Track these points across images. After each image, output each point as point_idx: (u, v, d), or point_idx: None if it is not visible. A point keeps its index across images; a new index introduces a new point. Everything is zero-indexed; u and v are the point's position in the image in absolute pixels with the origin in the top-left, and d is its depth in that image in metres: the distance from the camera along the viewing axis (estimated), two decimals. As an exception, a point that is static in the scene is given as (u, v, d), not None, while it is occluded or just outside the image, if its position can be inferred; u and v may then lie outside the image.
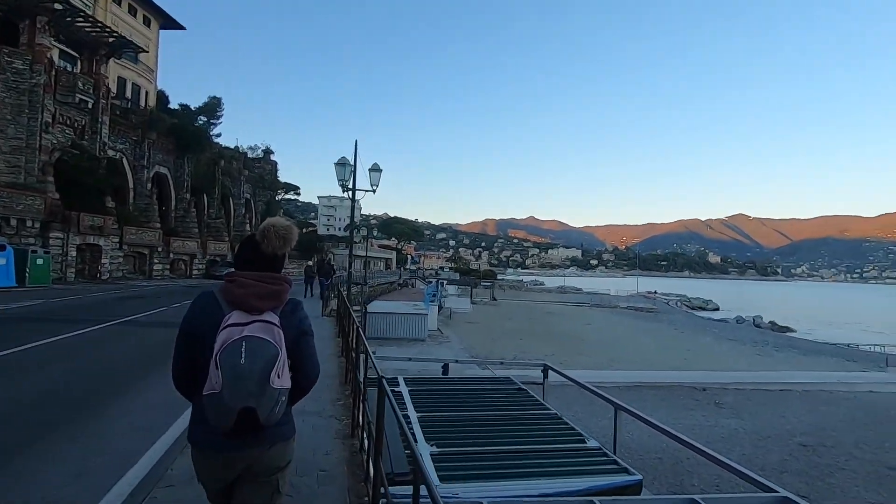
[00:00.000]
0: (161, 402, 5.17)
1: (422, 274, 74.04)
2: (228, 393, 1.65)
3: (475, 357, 22.45)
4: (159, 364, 6.99)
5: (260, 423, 1.74)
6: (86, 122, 25.33)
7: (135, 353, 7.75)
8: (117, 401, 5.47)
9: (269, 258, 1.91)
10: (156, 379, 6.13)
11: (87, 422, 4.76)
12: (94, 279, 24.13)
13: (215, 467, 1.86)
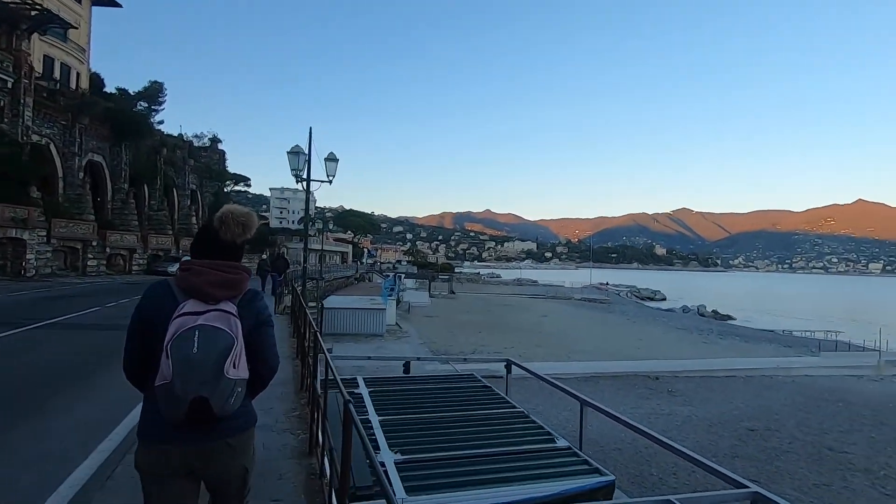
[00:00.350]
0: (71, 427, 4.51)
1: (379, 268, 73.07)
2: (180, 382, 1.60)
3: (436, 352, 22.24)
4: (73, 379, 6.24)
5: (213, 414, 1.67)
6: (4, 103, 23.00)
7: (48, 366, 6.86)
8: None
9: (227, 246, 1.85)
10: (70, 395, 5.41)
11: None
12: (18, 276, 22.07)
13: (163, 461, 1.74)
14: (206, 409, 1.66)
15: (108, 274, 29.19)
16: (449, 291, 52.98)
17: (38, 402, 5.15)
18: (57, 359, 7.08)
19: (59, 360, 7.05)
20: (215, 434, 1.76)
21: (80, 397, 5.25)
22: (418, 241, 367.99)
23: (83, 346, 8.09)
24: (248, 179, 71.26)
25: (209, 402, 1.65)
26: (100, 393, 5.43)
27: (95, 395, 5.34)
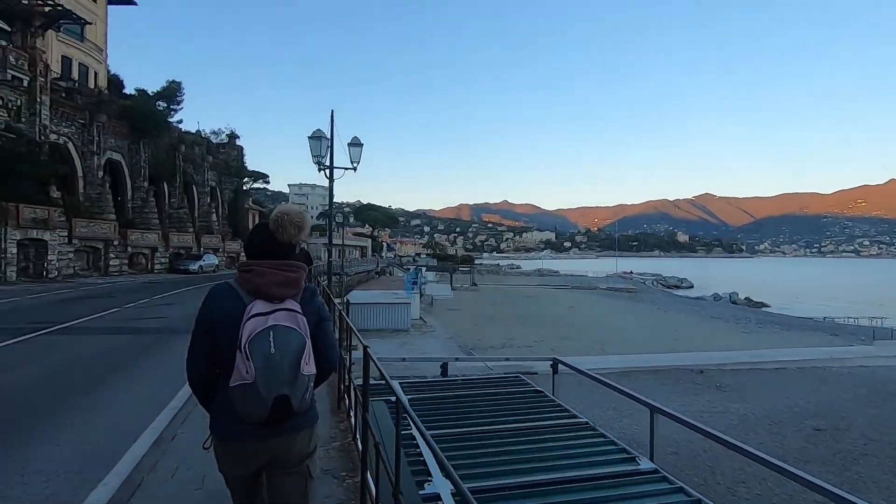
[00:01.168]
0: (73, 456, 3.76)
1: (399, 261, 72.62)
2: (262, 383, 1.65)
3: (463, 347, 21.46)
4: (78, 393, 5.56)
5: (293, 411, 1.75)
6: (21, 102, 22.77)
7: (57, 377, 6.15)
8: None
9: (284, 247, 1.88)
10: (64, 417, 4.69)
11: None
12: (41, 278, 21.92)
13: (243, 457, 1.82)
14: (287, 406, 1.72)
15: (131, 273, 29.07)
16: (471, 283, 52.21)
17: (24, 426, 4.42)
18: (55, 372, 6.40)
19: (59, 374, 6.38)
20: (289, 429, 1.82)
21: (76, 420, 4.52)
22: (436, 233, 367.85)
23: (90, 355, 7.48)
24: (267, 176, 71.09)
25: (290, 399, 1.71)
26: (100, 415, 4.71)
27: (95, 417, 4.62)
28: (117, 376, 6.07)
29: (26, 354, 7.32)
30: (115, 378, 5.97)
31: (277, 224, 1.87)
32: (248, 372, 1.65)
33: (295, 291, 1.84)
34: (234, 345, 1.70)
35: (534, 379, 11.64)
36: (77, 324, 10.13)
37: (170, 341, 8.58)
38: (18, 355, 7.25)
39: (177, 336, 9.03)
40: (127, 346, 8.07)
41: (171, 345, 8.22)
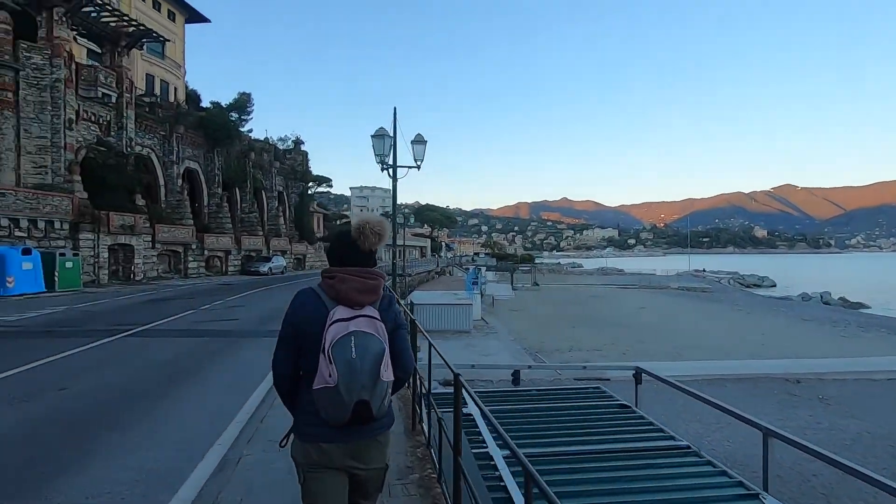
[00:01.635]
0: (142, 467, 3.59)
1: (458, 260, 72.47)
2: (344, 387, 1.71)
3: (528, 350, 20.71)
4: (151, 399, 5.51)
5: (372, 415, 1.78)
6: (110, 117, 24.58)
7: (131, 381, 6.19)
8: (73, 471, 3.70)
9: (365, 254, 1.94)
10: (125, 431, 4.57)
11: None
12: (129, 280, 23.52)
13: (324, 457, 1.85)
14: (367, 410, 1.76)
15: (207, 275, 30.72)
16: (532, 283, 51.05)
17: (95, 440, 4.33)
18: (129, 379, 6.46)
19: (132, 380, 6.43)
20: (369, 432, 1.87)
21: (143, 433, 4.40)
22: (494, 232, 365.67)
23: (164, 360, 7.58)
24: (330, 180, 73.68)
25: (370, 404, 1.75)
26: (167, 428, 4.57)
27: (162, 431, 4.49)
28: (187, 384, 6.04)
29: (106, 358, 7.54)
30: (185, 385, 5.93)
31: (359, 232, 1.93)
32: (331, 375, 1.71)
33: (374, 298, 1.90)
34: (317, 349, 1.78)
35: (609, 386, 10.78)
36: (155, 326, 10.52)
37: (238, 346, 8.62)
38: (100, 358, 7.49)
39: (244, 341, 9.09)
40: (198, 351, 8.17)
41: (239, 350, 8.24)
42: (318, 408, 1.78)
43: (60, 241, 20.20)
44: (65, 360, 7.19)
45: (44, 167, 21.12)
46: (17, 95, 20.52)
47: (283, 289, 22.64)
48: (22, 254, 16.93)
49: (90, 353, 7.82)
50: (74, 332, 9.72)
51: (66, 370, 6.66)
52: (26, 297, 16.20)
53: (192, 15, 44.65)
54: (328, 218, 73.58)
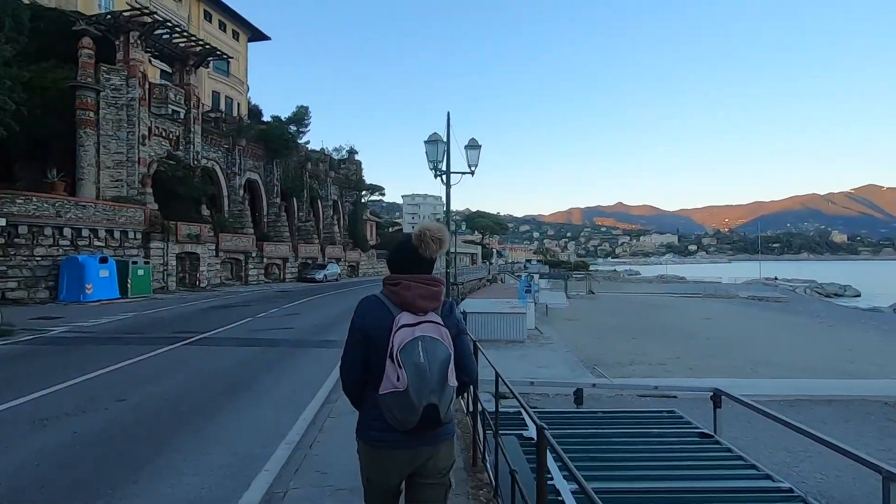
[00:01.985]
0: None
1: (510, 268, 71.46)
2: (414, 391, 1.73)
3: (586, 362, 19.78)
4: (202, 414, 5.41)
5: (440, 420, 1.81)
6: (179, 133, 26.01)
7: (185, 393, 6.14)
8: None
9: (426, 261, 1.98)
10: (175, 447, 4.41)
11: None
12: (194, 287, 24.65)
13: (391, 464, 1.88)
14: (435, 415, 1.78)
15: (266, 282, 31.80)
16: (587, 291, 49.39)
17: (142, 460, 4.21)
18: (182, 390, 6.42)
19: (186, 391, 6.38)
20: (434, 438, 1.89)
21: (191, 454, 4.22)
22: (545, 238, 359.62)
23: (218, 370, 7.59)
24: (383, 189, 75.12)
25: (438, 408, 1.78)
26: (216, 447, 4.41)
27: (210, 451, 4.33)
28: (239, 398, 5.94)
29: (165, 367, 7.65)
30: (237, 400, 5.83)
31: (420, 240, 1.96)
32: (400, 380, 1.74)
33: (437, 304, 1.92)
34: (383, 354, 1.81)
35: (679, 405, 9.88)
36: (213, 334, 10.73)
37: (291, 357, 8.58)
38: (159, 368, 7.62)
39: (298, 351, 9.05)
40: (253, 361, 8.17)
41: (293, 361, 8.17)
42: (385, 413, 1.80)
43: (134, 249, 21.46)
44: (128, 368, 7.36)
45: (120, 181, 22.57)
46: (97, 114, 22.09)
47: (337, 296, 22.95)
48: (99, 262, 18.07)
49: (151, 361, 8.00)
50: (139, 339, 10.07)
51: (127, 379, 6.79)
52: (102, 303, 17.21)
53: (255, 34, 46.97)
54: (380, 226, 74.89)
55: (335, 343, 9.79)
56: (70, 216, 18.76)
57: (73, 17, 22.88)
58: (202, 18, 39.59)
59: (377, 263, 54.19)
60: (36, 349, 8.95)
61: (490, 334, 21.21)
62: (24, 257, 17.32)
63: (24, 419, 4.98)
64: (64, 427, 4.79)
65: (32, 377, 6.69)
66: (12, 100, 15.07)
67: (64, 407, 5.39)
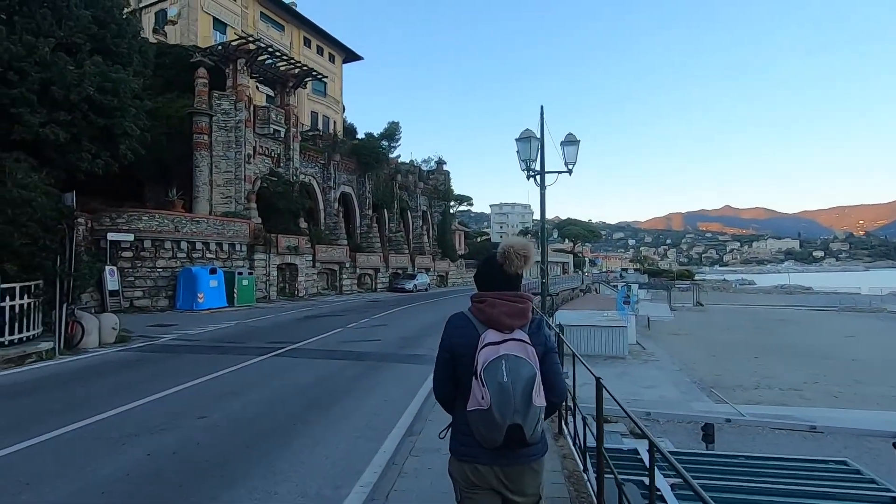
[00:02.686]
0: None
1: (604, 277, 67.68)
2: (497, 410, 1.73)
3: (700, 383, 17.56)
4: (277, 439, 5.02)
5: (526, 440, 1.79)
6: (280, 150, 27.61)
7: (264, 412, 5.89)
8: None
9: (511, 278, 1.97)
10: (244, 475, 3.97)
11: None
12: (293, 296, 25.83)
13: (477, 477, 1.89)
14: (520, 435, 1.77)
15: (359, 291, 32.68)
16: (694, 302, 45.16)
17: (204, 492, 3.84)
18: (263, 408, 6.16)
19: (267, 409, 6.11)
20: (522, 457, 1.88)
21: (257, 487, 3.81)
22: (642, 246, 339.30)
23: (302, 386, 7.32)
24: (471, 199, 75.15)
25: (523, 429, 1.76)
26: (286, 480, 3.93)
27: (280, 483, 3.86)
28: (318, 420, 5.52)
29: (250, 381, 7.54)
30: (315, 423, 5.40)
31: (505, 256, 1.98)
32: (484, 398, 1.75)
33: (523, 322, 1.91)
34: (470, 372, 1.84)
35: (821, 441, 8.18)
36: (303, 345, 10.71)
37: (376, 373, 8.14)
38: (245, 381, 7.53)
39: (383, 367, 8.61)
40: (337, 377, 7.84)
41: (377, 379, 7.71)
42: (473, 429, 1.82)
43: (240, 261, 22.94)
44: (218, 381, 7.35)
45: (229, 197, 24.36)
46: (210, 137, 24.07)
47: (425, 307, 22.72)
48: (209, 273, 19.43)
49: (241, 373, 7.99)
50: (236, 348, 10.30)
51: (214, 393, 6.72)
52: (212, 311, 18.40)
53: (349, 55, 49.42)
54: (469, 236, 74.88)
55: (421, 359, 9.25)
56: (186, 231, 20.44)
57: (192, 50, 25.28)
58: (302, 45, 42.33)
59: (466, 273, 53.94)
60: (144, 357, 9.42)
61: (586, 349, 19.67)
62: (149, 269, 19.09)
63: (107, 436, 4.92)
64: (139, 447, 4.63)
65: (130, 388, 6.85)
66: (137, 126, 16.66)
67: (149, 422, 5.31)
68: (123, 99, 15.89)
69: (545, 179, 8.92)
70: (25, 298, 8.59)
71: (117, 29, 16.96)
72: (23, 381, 7.24)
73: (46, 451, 4.51)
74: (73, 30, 15.56)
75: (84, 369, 8.18)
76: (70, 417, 5.35)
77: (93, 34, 16.07)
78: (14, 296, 8.35)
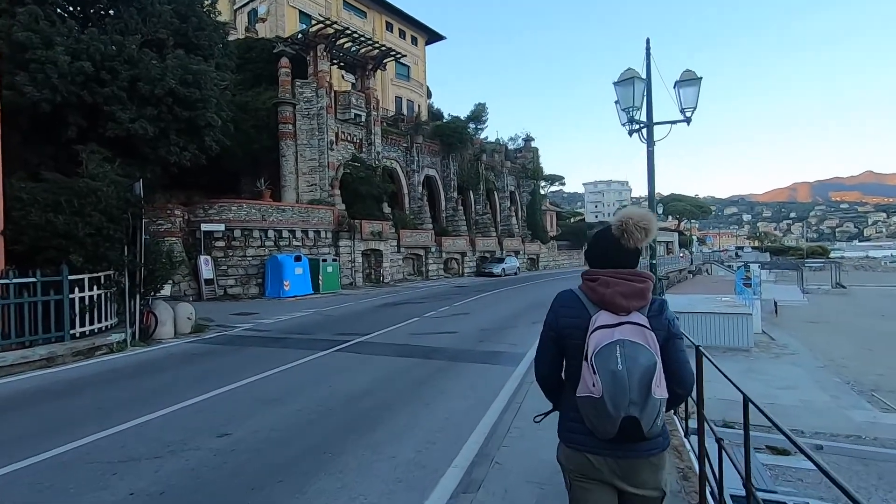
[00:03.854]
0: None
1: (716, 256, 60.93)
2: (610, 400, 1.61)
3: (856, 385, 14.23)
4: (303, 471, 3.86)
5: (643, 435, 1.66)
6: (362, 135, 27.31)
7: (300, 428, 4.87)
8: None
9: (629, 253, 1.81)
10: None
11: None
12: (378, 282, 25.57)
13: (589, 468, 1.77)
14: (636, 429, 1.63)
15: (445, 276, 31.85)
16: (834, 284, 38.56)
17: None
18: (307, 419, 5.14)
19: (309, 421, 5.07)
20: (640, 451, 1.73)
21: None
22: (759, 221, 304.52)
23: (357, 391, 6.20)
24: (563, 178, 71.32)
25: (639, 422, 1.63)
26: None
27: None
28: (357, 444, 4.30)
29: (299, 382, 6.62)
30: (353, 451, 4.16)
31: (622, 229, 1.79)
32: (595, 385, 1.62)
33: (643, 303, 1.75)
34: (579, 354, 1.71)
35: None
36: (372, 337, 9.75)
37: (443, 378, 6.78)
38: (293, 382, 6.62)
39: (454, 367, 7.27)
40: (396, 380, 6.66)
41: (443, 385, 6.36)
42: (583, 415, 1.71)
43: (325, 248, 22.99)
44: (259, 384, 6.49)
45: (314, 185, 24.51)
46: (294, 126, 24.31)
47: (513, 292, 21.09)
48: (294, 260, 19.51)
49: (293, 372, 7.12)
50: (301, 340, 9.61)
51: (253, 398, 5.84)
52: (297, 299, 18.43)
53: (431, 36, 48.41)
54: (561, 216, 71.23)
55: (500, 358, 7.80)
56: (272, 219, 20.73)
57: (275, 42, 25.63)
58: (384, 30, 42.02)
59: (558, 255, 51.08)
60: (209, 349, 9.02)
61: (702, 339, 16.90)
62: (239, 257, 19.61)
63: (114, 455, 4.12)
64: (140, 474, 3.74)
65: (172, 390, 6.23)
66: (220, 116, 16.86)
67: (165, 438, 4.47)
68: (205, 90, 16.07)
69: (653, 133, 6.94)
70: (95, 290, 8.49)
71: (198, 21, 17.18)
72: (76, 378, 6.94)
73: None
74: (156, 25, 15.92)
75: (143, 364, 7.84)
76: (72, 434, 4.62)
77: (175, 28, 16.38)
78: (83, 287, 8.25)
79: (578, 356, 1.70)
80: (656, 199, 36.11)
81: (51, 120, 14.37)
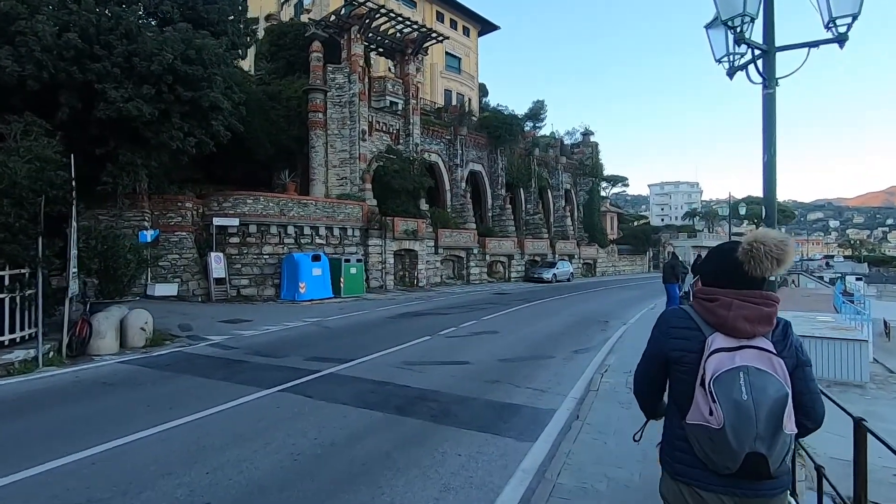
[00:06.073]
0: None
1: (803, 266, 53.98)
2: (733, 433, 1.46)
3: None
4: None
5: (769, 473, 1.50)
6: (399, 126, 25.17)
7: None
8: None
9: (753, 281, 1.60)
10: None
11: None
12: (413, 286, 23.24)
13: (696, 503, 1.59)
14: (763, 466, 1.48)
15: (489, 281, 29.05)
16: (961, 303, 32.05)
17: None
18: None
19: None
20: (761, 490, 1.56)
21: None
22: (850, 228, 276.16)
23: (265, 484, 3.76)
24: (626, 179, 66.32)
25: (767, 460, 1.48)
26: None
27: None
28: None
29: (168, 459, 4.32)
30: None
31: (750, 255, 1.58)
32: (713, 414, 1.48)
33: (768, 329, 1.59)
34: (690, 378, 1.59)
35: None
36: (348, 368, 7.23)
37: (411, 458, 4.12)
38: (160, 459, 4.33)
39: (436, 435, 4.60)
40: (328, 462, 4.10)
41: (405, 476, 3.77)
42: (694, 445, 1.56)
43: (353, 247, 20.98)
44: (126, 451, 4.20)
45: (344, 178, 22.61)
46: (325, 115, 22.53)
47: (560, 303, 17.98)
48: (312, 260, 17.52)
49: (188, 432, 4.71)
50: (256, 367, 7.30)
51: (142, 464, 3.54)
52: (313, 303, 16.45)
53: (485, 26, 45.81)
54: (623, 218, 66.11)
55: (516, 418, 5.10)
56: (293, 214, 18.92)
57: (307, 25, 24.02)
58: (434, 20, 39.88)
59: (619, 261, 46.72)
60: (135, 375, 6.90)
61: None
62: (255, 255, 17.91)
63: None
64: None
65: (16, 443, 4.07)
66: (230, 98, 15.19)
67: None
68: (210, 68, 14.40)
69: (774, 63, 4.05)
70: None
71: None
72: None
73: None
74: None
75: (24, 396, 5.82)
76: None
77: (182, 1, 14.97)
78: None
79: (688, 379, 1.58)
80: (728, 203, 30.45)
81: (45, 101, 13.18)
